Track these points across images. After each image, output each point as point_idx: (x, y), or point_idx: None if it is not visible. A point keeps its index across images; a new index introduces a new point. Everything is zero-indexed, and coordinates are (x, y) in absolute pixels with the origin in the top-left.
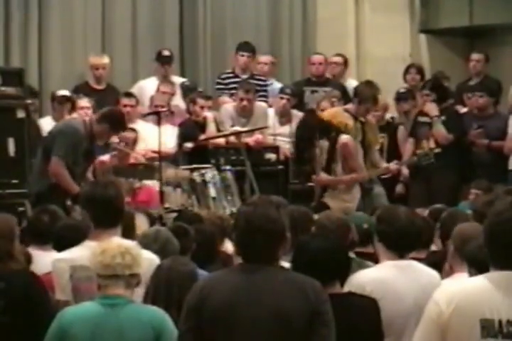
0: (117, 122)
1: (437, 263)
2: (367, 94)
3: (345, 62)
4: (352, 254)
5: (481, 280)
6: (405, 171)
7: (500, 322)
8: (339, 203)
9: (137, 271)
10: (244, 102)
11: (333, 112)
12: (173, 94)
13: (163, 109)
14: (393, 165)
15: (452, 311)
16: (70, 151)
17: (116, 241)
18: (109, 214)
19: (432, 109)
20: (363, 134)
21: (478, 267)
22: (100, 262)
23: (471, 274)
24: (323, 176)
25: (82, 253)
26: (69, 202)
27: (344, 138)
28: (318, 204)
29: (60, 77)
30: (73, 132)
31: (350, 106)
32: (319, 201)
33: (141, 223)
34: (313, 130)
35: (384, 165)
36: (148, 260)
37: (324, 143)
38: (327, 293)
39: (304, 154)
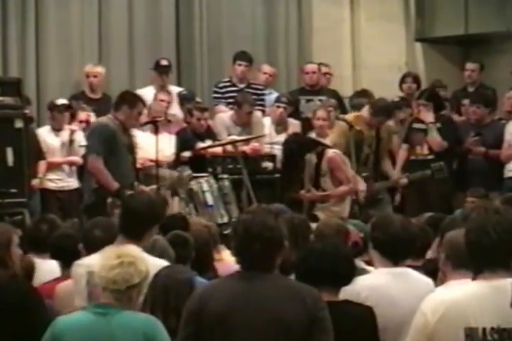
0: (131, 98)
1: (433, 270)
2: (382, 105)
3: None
4: (361, 262)
5: (468, 288)
6: (403, 180)
7: (484, 330)
8: (329, 215)
9: (122, 286)
10: (250, 115)
11: (340, 129)
12: (169, 102)
13: (160, 118)
14: (403, 180)
15: (437, 320)
16: (105, 146)
17: (120, 252)
18: (135, 228)
19: (428, 115)
20: (378, 141)
21: None
22: (97, 273)
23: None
24: (312, 192)
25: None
26: (109, 200)
27: (331, 152)
28: (308, 216)
29: (58, 87)
30: (102, 128)
31: (364, 113)
32: (309, 213)
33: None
34: (303, 143)
35: (394, 177)
36: (157, 266)
37: (312, 157)
38: (324, 300)
39: (293, 165)
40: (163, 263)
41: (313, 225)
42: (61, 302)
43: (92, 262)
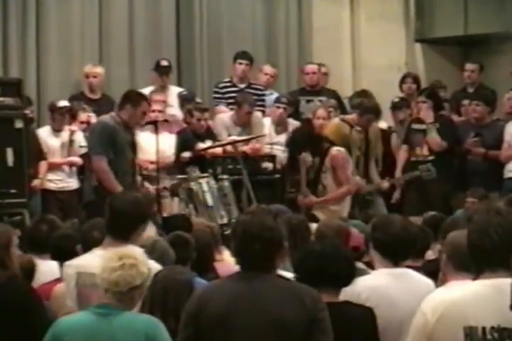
0: (134, 96)
1: (434, 271)
2: (369, 105)
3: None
4: (361, 264)
5: (468, 288)
6: (385, 184)
7: (484, 329)
8: (328, 215)
9: (124, 288)
10: (250, 116)
11: (334, 127)
12: (164, 101)
13: (160, 119)
14: (385, 183)
15: (437, 320)
16: (109, 145)
17: (121, 254)
18: (121, 228)
19: (428, 115)
20: (367, 144)
21: None
22: (99, 274)
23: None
24: (310, 198)
25: (90, 260)
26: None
27: (335, 150)
28: (306, 216)
29: (58, 87)
30: (102, 126)
31: (351, 116)
32: (307, 213)
33: (149, 231)
34: (305, 141)
35: (377, 181)
36: (154, 270)
37: (307, 157)
38: (324, 301)
39: (295, 164)
40: (158, 267)
41: (312, 225)
42: (58, 303)
43: (82, 263)
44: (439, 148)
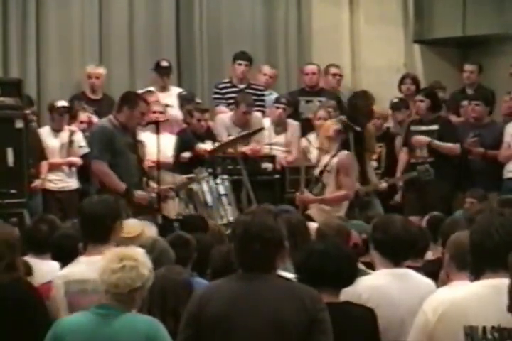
0: (131, 98)
1: (434, 271)
2: (360, 108)
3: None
4: (360, 265)
5: (470, 288)
6: (382, 185)
7: (484, 328)
8: (324, 215)
9: (124, 290)
10: (248, 116)
11: (328, 127)
12: (158, 101)
13: (162, 119)
14: (383, 184)
15: (438, 319)
16: (107, 149)
17: (123, 254)
18: (97, 230)
19: (420, 140)
20: (362, 144)
21: None
22: (99, 276)
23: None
24: (307, 195)
25: (76, 268)
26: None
27: (344, 154)
28: (302, 216)
29: (59, 87)
30: (100, 130)
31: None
32: (303, 213)
33: (150, 230)
34: None
35: (374, 181)
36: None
37: (311, 137)
38: (324, 301)
39: None
40: None
41: (311, 225)
42: (54, 311)
43: (68, 272)
44: (457, 152)
